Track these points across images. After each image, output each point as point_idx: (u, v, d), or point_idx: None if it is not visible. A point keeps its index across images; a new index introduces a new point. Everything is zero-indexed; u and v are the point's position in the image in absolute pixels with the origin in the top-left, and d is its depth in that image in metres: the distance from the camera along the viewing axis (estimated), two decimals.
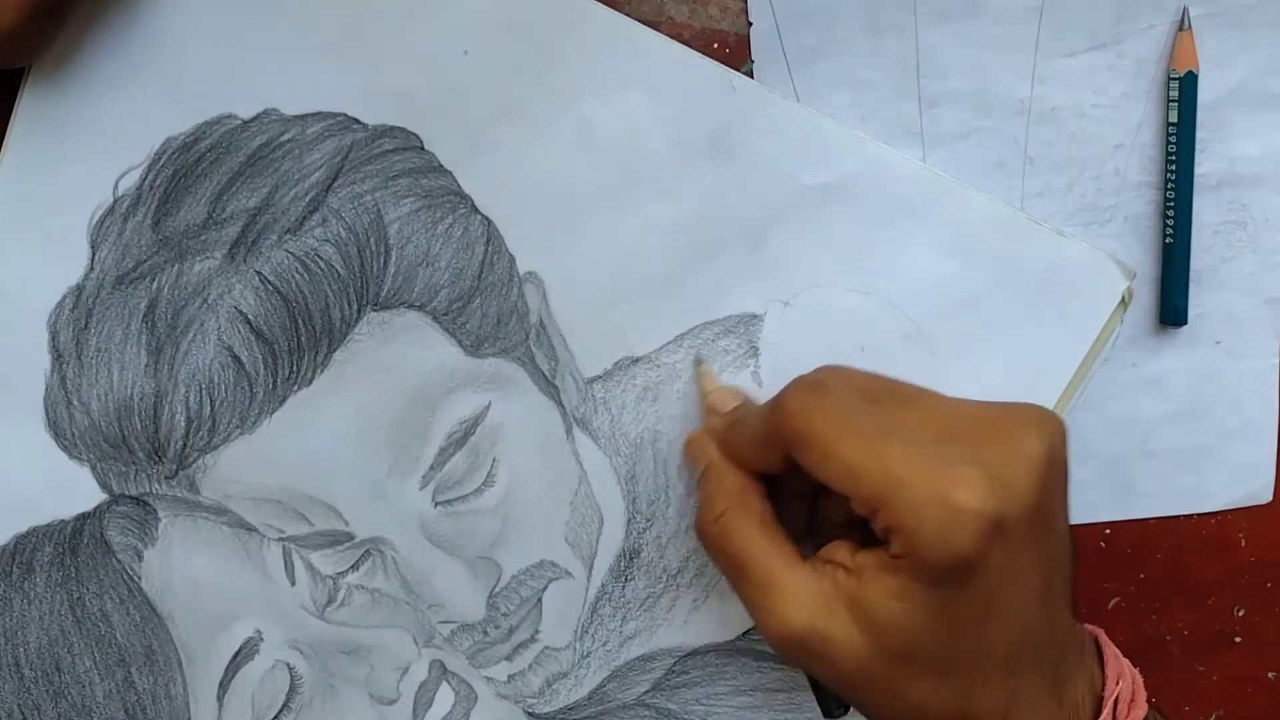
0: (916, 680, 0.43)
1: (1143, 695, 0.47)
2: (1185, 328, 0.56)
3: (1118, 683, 0.47)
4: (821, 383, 0.45)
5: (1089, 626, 0.50)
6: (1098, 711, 0.46)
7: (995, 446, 0.43)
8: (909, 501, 0.41)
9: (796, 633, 0.43)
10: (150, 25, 0.51)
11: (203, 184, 0.52)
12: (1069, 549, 0.46)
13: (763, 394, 0.53)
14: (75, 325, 0.52)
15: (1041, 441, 0.43)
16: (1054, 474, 0.43)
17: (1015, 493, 0.42)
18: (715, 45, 0.52)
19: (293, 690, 0.54)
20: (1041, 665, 0.45)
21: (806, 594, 0.44)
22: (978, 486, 0.41)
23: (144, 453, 0.53)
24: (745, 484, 0.47)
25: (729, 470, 0.48)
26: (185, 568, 0.54)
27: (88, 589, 0.54)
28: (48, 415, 0.53)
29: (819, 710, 0.52)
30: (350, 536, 0.53)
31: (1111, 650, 0.48)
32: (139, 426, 0.52)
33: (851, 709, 0.50)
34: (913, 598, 0.42)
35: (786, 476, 0.47)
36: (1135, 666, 0.48)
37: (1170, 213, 0.54)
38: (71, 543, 0.54)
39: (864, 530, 0.44)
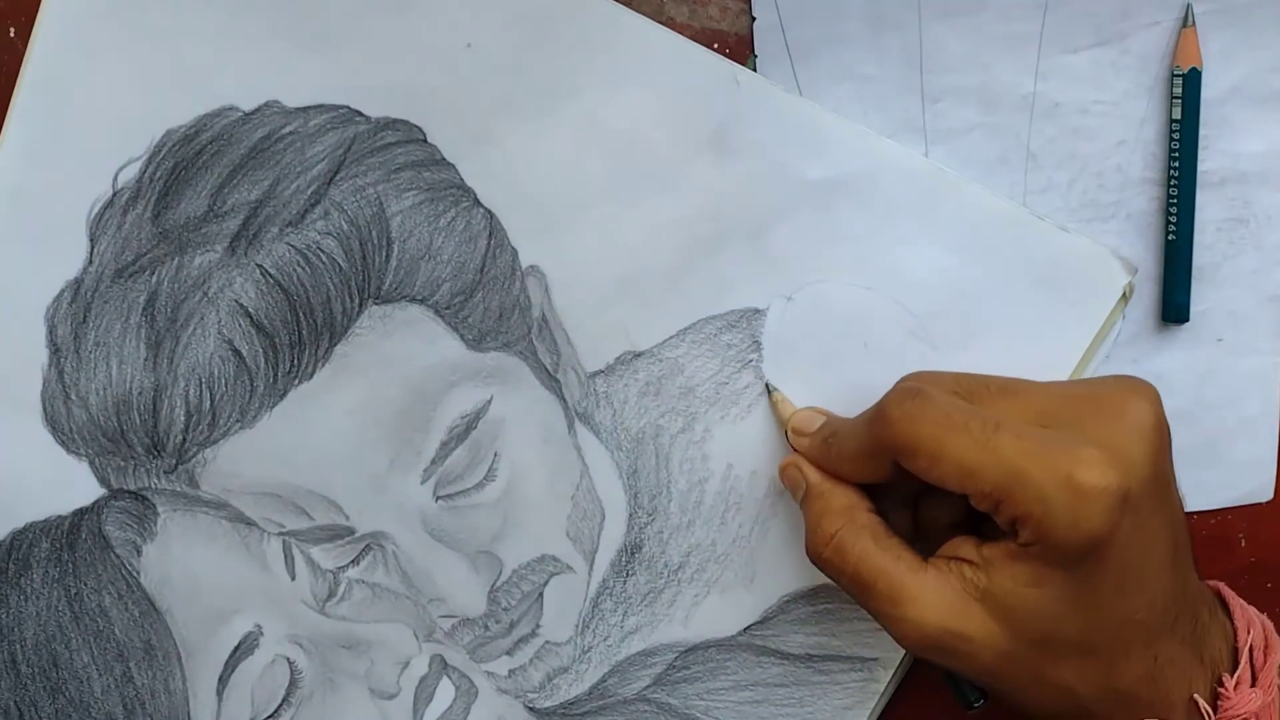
0: (1060, 662, 0.44)
1: (1276, 640, 0.47)
2: (1187, 325, 0.56)
3: (1249, 631, 0.47)
4: (919, 389, 0.45)
5: (1210, 582, 0.50)
6: (1236, 662, 0.46)
7: (1104, 422, 0.43)
8: (1033, 490, 0.41)
9: (933, 636, 0.44)
10: (151, 16, 0.51)
11: (203, 177, 0.51)
12: (1183, 510, 0.46)
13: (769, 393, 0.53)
14: (74, 319, 0.52)
15: (1147, 409, 0.44)
16: (1164, 439, 0.44)
17: (1135, 464, 0.42)
18: (715, 46, 0.52)
19: (293, 685, 0.54)
20: (1179, 627, 0.45)
21: (936, 595, 0.44)
22: (1099, 464, 0.41)
23: (143, 447, 0.52)
24: (851, 500, 0.48)
25: (832, 489, 0.48)
26: (184, 562, 0.53)
27: (86, 584, 0.53)
28: (45, 410, 0.53)
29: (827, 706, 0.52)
30: (351, 531, 0.53)
31: (1237, 601, 0.49)
32: (138, 421, 0.52)
33: (989, 698, 0.50)
34: (1048, 582, 0.42)
35: (888, 485, 0.47)
36: None
37: (1173, 209, 0.54)
38: (69, 538, 0.53)
39: (975, 527, 0.45)
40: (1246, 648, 0.46)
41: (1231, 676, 0.46)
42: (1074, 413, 0.44)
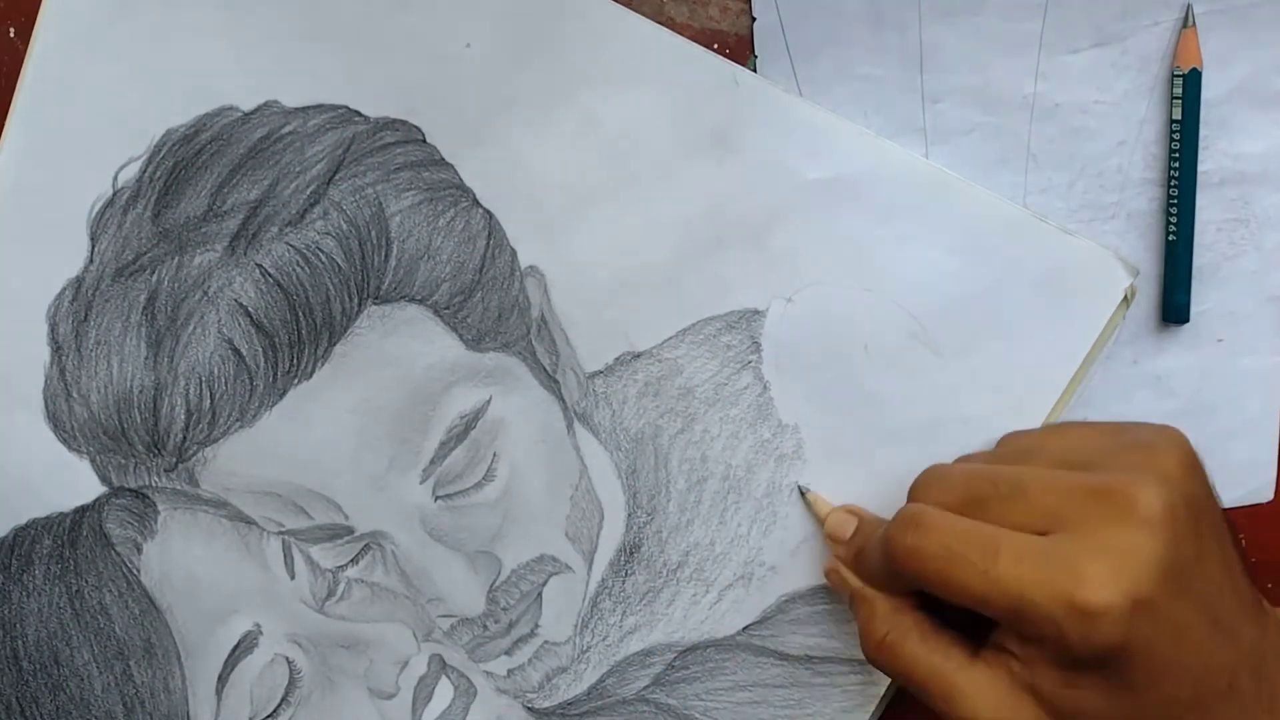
0: None
1: None
2: (1187, 325, 0.56)
3: None
4: (919, 518, 0.45)
5: None
6: None
7: (1111, 522, 0.42)
8: (1040, 615, 0.41)
9: None
10: (151, 16, 0.51)
11: (203, 176, 0.51)
12: (1230, 557, 0.44)
13: (768, 394, 0.53)
14: (75, 317, 0.52)
15: (1157, 498, 0.42)
16: (1180, 520, 0.42)
17: (1143, 567, 0.41)
18: (715, 46, 0.52)
19: (291, 684, 0.54)
20: (1237, 687, 0.43)
21: (988, 690, 0.44)
22: (1101, 580, 0.40)
23: (143, 445, 0.52)
24: (895, 602, 0.48)
25: (874, 593, 0.48)
26: (184, 561, 0.53)
27: (86, 582, 0.54)
28: (47, 407, 0.53)
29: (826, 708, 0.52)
30: (350, 530, 0.53)
31: None
32: (138, 419, 0.52)
33: None
34: (1080, 684, 0.42)
35: None
36: None
37: (1173, 210, 0.54)
38: (70, 535, 0.53)
39: None
40: None
41: None
42: (1081, 513, 0.42)
